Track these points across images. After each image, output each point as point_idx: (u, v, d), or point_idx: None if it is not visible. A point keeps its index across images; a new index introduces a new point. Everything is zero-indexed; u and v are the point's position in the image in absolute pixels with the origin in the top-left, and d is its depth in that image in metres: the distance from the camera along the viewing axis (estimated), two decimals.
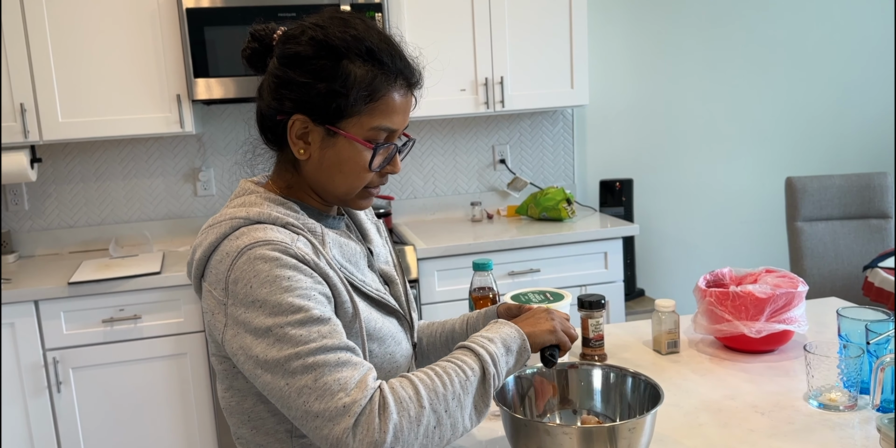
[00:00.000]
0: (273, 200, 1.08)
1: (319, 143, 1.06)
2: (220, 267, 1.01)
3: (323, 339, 0.96)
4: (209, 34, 2.62)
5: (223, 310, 1.01)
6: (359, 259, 1.12)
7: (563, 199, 3.05)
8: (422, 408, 0.95)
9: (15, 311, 2.42)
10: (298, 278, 0.98)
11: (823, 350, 1.33)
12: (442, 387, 0.98)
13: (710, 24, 3.49)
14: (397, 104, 1.07)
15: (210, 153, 3.06)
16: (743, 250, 3.70)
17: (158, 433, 2.60)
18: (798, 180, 3.15)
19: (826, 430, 1.24)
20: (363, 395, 0.94)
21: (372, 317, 1.09)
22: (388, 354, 1.11)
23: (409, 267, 2.72)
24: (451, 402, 0.98)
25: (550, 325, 1.11)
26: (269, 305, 0.96)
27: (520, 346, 1.07)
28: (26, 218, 2.95)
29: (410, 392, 0.96)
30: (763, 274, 1.68)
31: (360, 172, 1.07)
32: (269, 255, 0.98)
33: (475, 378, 1.01)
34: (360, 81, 1.03)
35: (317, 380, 0.94)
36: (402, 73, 1.07)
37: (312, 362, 0.95)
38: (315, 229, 1.07)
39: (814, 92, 3.66)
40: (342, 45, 1.03)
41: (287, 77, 1.04)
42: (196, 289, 1.09)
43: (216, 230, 1.05)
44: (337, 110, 1.04)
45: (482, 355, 1.02)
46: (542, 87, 3.01)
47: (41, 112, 2.59)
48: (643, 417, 1.06)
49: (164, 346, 2.56)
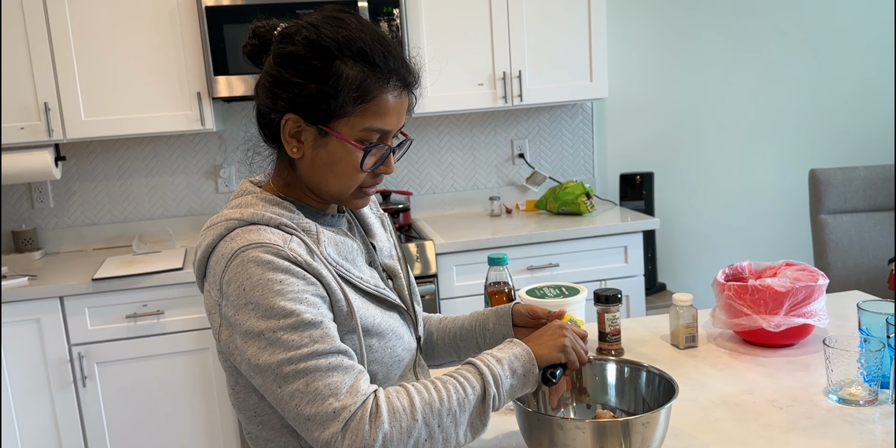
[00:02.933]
0: (268, 201, 1.09)
1: (312, 142, 1.07)
2: (216, 268, 1.03)
3: (314, 343, 0.97)
4: (228, 32, 2.64)
5: (219, 310, 1.03)
6: (356, 256, 1.13)
7: (583, 194, 3.03)
8: (414, 420, 0.96)
9: (41, 307, 2.47)
10: (290, 281, 0.99)
11: (843, 344, 1.31)
12: (438, 401, 0.98)
13: (730, 14, 3.44)
14: (390, 105, 1.06)
15: (231, 150, 3.09)
16: (765, 243, 3.66)
17: (182, 426, 2.64)
18: (822, 172, 3.10)
19: (845, 425, 1.23)
20: (353, 401, 0.95)
21: (370, 313, 1.09)
22: (388, 349, 1.11)
23: (428, 262, 2.73)
24: (446, 417, 0.98)
25: (562, 343, 1.09)
26: (262, 308, 0.98)
27: (526, 370, 1.06)
28: (51, 215, 3.00)
29: (405, 403, 0.97)
30: (783, 267, 1.66)
31: (351, 173, 1.07)
32: (262, 258, 0.99)
33: (474, 397, 1.01)
34: (351, 82, 1.02)
35: (308, 385, 0.96)
36: (396, 73, 1.06)
37: (304, 367, 0.96)
38: (310, 228, 1.08)
39: (837, 82, 3.60)
40: (334, 46, 1.03)
41: (281, 76, 1.05)
42: (200, 288, 1.11)
43: (213, 232, 1.06)
44: (328, 111, 1.04)
45: (485, 375, 1.02)
46: (561, 81, 3.00)
47: (65, 111, 2.63)
48: (657, 412, 1.05)
49: (187, 341, 2.60)
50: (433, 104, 2.88)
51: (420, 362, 1.25)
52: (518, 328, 1.28)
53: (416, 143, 3.23)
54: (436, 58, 2.80)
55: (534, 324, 1.27)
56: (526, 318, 1.27)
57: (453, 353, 1.33)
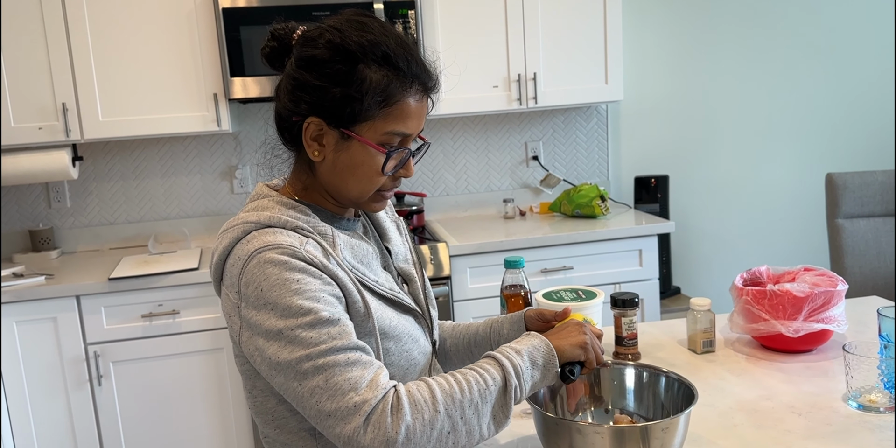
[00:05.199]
0: (284, 204, 1.10)
1: (334, 145, 1.07)
2: (234, 270, 1.04)
3: (332, 340, 0.98)
4: (245, 34, 2.65)
5: (237, 312, 1.04)
6: (371, 260, 1.13)
7: (597, 196, 3.02)
8: (436, 412, 0.96)
9: (57, 305, 2.48)
10: (307, 281, 1.00)
11: (863, 350, 1.30)
12: (460, 393, 0.98)
13: (746, 16, 3.43)
14: (412, 109, 1.06)
15: (246, 151, 3.10)
16: (781, 248, 3.64)
17: (196, 426, 2.65)
18: (839, 176, 3.08)
19: (865, 432, 1.22)
20: (374, 395, 0.95)
21: (386, 315, 1.10)
22: (405, 352, 1.11)
23: (442, 264, 2.73)
24: (468, 409, 0.98)
25: (582, 340, 1.09)
26: (280, 308, 0.98)
27: (546, 361, 1.05)
28: (68, 215, 3.02)
29: (427, 395, 0.97)
30: (801, 272, 1.65)
31: (372, 176, 1.08)
32: (278, 259, 1.00)
33: (495, 388, 1.00)
34: (375, 86, 1.03)
35: (328, 380, 0.96)
36: (417, 77, 1.06)
37: (323, 363, 0.96)
38: (325, 232, 1.08)
39: (855, 85, 3.58)
40: (358, 50, 1.03)
41: (303, 80, 1.05)
42: (217, 291, 1.12)
43: (229, 235, 1.07)
44: (351, 115, 1.04)
45: (505, 366, 1.02)
46: (576, 83, 2.99)
47: (82, 111, 2.65)
48: (676, 417, 1.05)
49: (202, 341, 2.61)
50: (448, 106, 2.88)
51: (436, 366, 1.25)
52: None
53: (430, 146, 3.22)
54: (451, 60, 2.80)
55: (544, 327, 1.26)
56: (536, 322, 1.27)
57: (467, 360, 1.33)
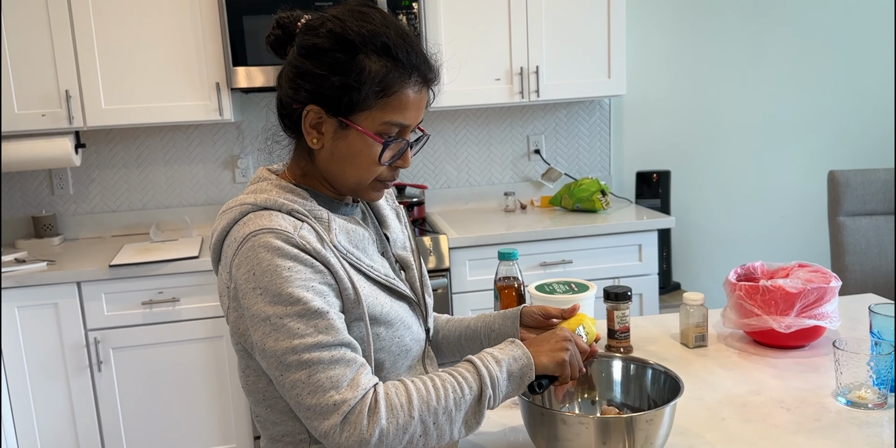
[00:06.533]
0: (283, 187, 1.11)
1: (332, 134, 1.08)
2: (228, 251, 1.06)
3: (319, 334, 0.99)
4: (248, 23, 2.65)
5: (228, 293, 1.06)
6: (367, 245, 1.14)
7: (598, 191, 3.02)
8: (411, 417, 0.99)
9: (58, 291, 2.50)
10: (298, 269, 1.01)
11: (854, 346, 1.30)
12: (436, 400, 1.01)
13: (751, 12, 3.41)
14: (411, 100, 1.07)
15: (248, 141, 3.11)
16: (782, 245, 3.63)
17: (195, 412, 2.67)
18: (841, 174, 3.07)
19: (853, 427, 1.22)
20: (354, 395, 0.98)
21: (379, 301, 1.11)
22: (396, 338, 1.12)
23: (442, 256, 2.73)
24: (442, 416, 1.01)
25: (561, 357, 1.08)
26: (269, 294, 1.00)
27: (523, 373, 1.06)
28: (71, 202, 3.04)
29: (404, 400, 1.00)
30: (795, 268, 1.65)
31: (370, 165, 1.09)
32: (272, 244, 1.01)
33: (471, 396, 1.03)
34: (374, 76, 1.04)
35: (310, 376, 0.98)
36: (417, 69, 1.07)
37: (308, 359, 0.98)
38: (321, 216, 1.09)
39: (858, 82, 3.56)
40: (358, 40, 1.04)
41: (304, 68, 1.06)
42: (216, 271, 1.13)
43: (227, 216, 1.09)
44: (349, 104, 1.05)
45: (483, 376, 1.04)
46: (579, 77, 2.99)
47: (85, 99, 2.66)
48: (661, 409, 1.06)
49: (202, 329, 2.62)
50: (450, 98, 2.88)
51: (429, 354, 1.26)
52: (529, 329, 1.28)
53: (431, 138, 3.23)
54: (453, 52, 2.80)
55: (546, 324, 1.27)
56: (538, 319, 1.27)
57: (457, 353, 1.34)
